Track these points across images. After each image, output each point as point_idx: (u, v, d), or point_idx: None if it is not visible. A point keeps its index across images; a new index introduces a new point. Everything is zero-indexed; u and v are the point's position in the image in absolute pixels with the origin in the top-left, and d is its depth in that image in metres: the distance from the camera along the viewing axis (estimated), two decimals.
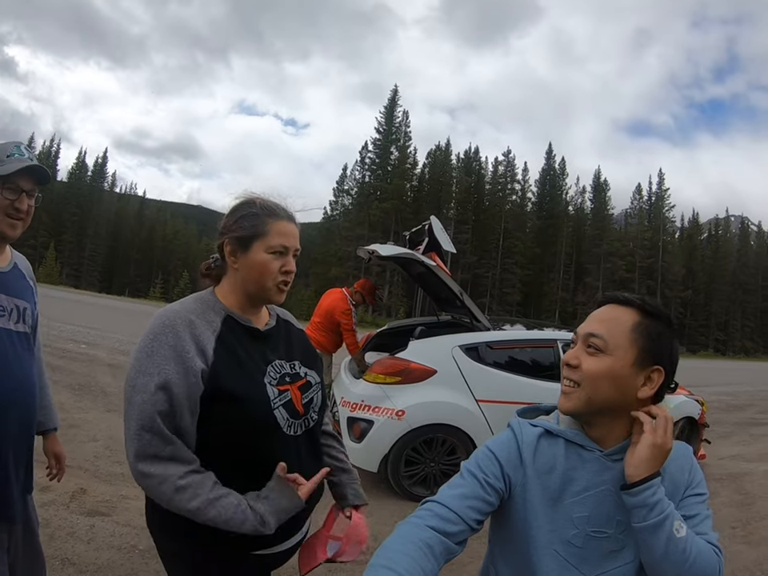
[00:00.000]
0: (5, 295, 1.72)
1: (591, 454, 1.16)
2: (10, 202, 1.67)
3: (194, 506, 1.24)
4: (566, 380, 1.17)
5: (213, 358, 1.34)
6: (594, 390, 1.11)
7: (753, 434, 8.77)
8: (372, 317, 47.61)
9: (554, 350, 5.09)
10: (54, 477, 2.16)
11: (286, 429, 1.42)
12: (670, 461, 1.14)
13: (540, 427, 1.23)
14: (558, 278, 62.87)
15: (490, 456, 1.20)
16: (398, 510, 4.35)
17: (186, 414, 1.29)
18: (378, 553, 0.99)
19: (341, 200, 62.48)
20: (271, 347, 1.53)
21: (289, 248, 1.44)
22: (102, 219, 68.96)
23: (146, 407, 1.25)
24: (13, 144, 1.72)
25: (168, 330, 1.31)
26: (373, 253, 4.81)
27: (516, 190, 65.33)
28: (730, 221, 78.75)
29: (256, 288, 1.44)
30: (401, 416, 4.49)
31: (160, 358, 1.28)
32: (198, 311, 1.41)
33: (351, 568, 3.30)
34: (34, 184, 1.74)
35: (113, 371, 7.98)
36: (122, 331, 13.15)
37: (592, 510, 1.14)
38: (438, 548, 1.03)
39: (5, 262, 1.79)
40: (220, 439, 1.34)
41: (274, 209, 1.46)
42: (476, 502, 1.13)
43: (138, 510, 3.64)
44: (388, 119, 61.28)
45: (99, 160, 73.14)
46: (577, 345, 1.18)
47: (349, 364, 5.81)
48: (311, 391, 1.56)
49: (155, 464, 1.24)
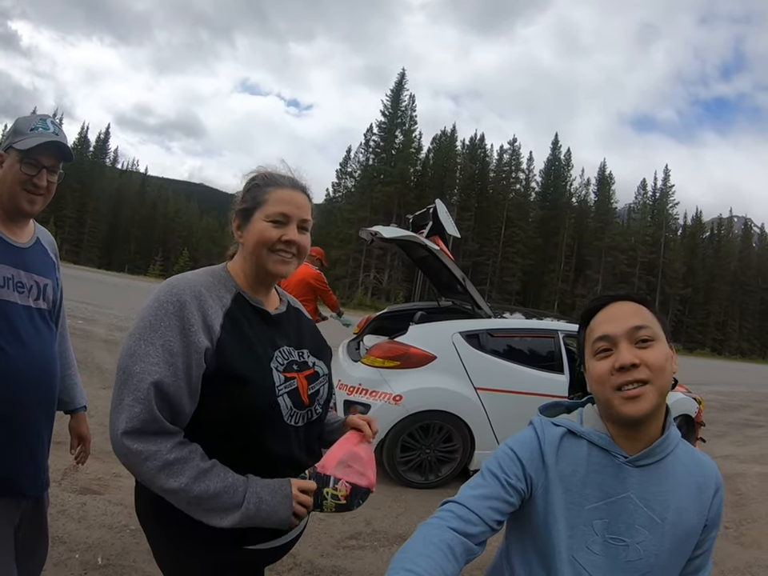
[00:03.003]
0: (24, 272, 1.68)
1: (615, 459, 1.13)
2: (28, 177, 1.62)
3: (178, 483, 1.17)
4: (630, 384, 1.07)
5: (219, 333, 1.27)
6: (663, 379, 1.09)
7: (747, 435, 8.82)
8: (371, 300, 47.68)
9: (554, 341, 5.06)
10: (78, 459, 2.12)
11: (288, 418, 1.34)
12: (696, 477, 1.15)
13: (563, 427, 1.19)
14: (558, 269, 62.74)
15: (511, 456, 1.17)
16: (391, 495, 4.33)
17: (184, 395, 1.21)
18: (399, 555, 0.97)
19: (344, 182, 62.14)
20: (280, 333, 1.45)
21: (290, 216, 1.35)
22: (103, 195, 68.72)
23: (144, 377, 1.17)
24: (39, 117, 1.67)
25: (175, 299, 1.24)
26: (375, 234, 4.73)
27: (520, 179, 65.02)
28: (734, 221, 78.91)
29: (254, 259, 1.37)
30: (398, 401, 4.44)
31: (164, 327, 1.21)
32: (209, 284, 1.34)
33: (369, 554, 3.34)
34: (57, 160, 1.69)
35: (109, 347, 7.89)
36: (120, 307, 13.15)
37: (612, 517, 1.10)
38: (458, 549, 1.01)
39: (26, 237, 1.75)
40: (215, 423, 1.27)
41: (277, 178, 1.39)
42: (497, 502, 1.10)
43: (129, 488, 3.55)
44: (394, 103, 60.80)
45: (101, 136, 72.81)
46: (620, 347, 1.10)
47: (347, 347, 5.74)
48: (318, 382, 1.48)
49: (143, 439, 1.17)
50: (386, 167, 58.23)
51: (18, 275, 1.65)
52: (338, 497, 1.32)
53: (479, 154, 64.88)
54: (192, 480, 1.18)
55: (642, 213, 65.82)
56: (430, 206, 5.27)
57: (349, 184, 61.97)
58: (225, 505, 1.20)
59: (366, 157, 61.39)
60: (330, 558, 3.21)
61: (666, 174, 65.70)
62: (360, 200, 57.40)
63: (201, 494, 1.18)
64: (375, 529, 3.72)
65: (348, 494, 1.33)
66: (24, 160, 1.60)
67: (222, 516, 1.21)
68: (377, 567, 3.20)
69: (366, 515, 3.86)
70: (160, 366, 1.18)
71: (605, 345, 1.12)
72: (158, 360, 1.19)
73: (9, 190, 1.63)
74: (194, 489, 1.18)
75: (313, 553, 3.22)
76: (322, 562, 3.15)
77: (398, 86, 61.56)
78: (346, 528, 3.59)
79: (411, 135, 60.91)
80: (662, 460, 1.13)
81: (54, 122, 1.70)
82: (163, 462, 1.17)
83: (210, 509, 1.20)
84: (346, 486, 1.32)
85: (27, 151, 1.60)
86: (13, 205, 1.65)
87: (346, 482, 1.32)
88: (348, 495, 1.33)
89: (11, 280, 1.62)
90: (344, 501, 1.33)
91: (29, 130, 1.62)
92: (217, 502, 1.20)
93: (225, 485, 1.21)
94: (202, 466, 1.20)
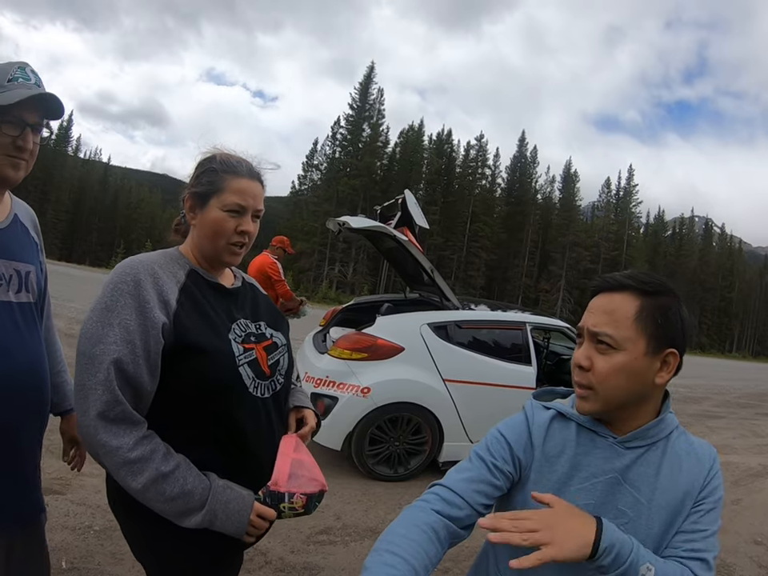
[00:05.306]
0: (2, 259, 1.40)
1: (604, 440, 1.11)
2: (11, 139, 1.33)
3: (136, 483, 1.18)
4: (577, 386, 1.08)
5: (176, 307, 1.28)
6: (610, 389, 1.04)
7: (709, 425, 9.08)
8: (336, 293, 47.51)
9: (522, 333, 5.09)
10: (72, 465, 1.87)
11: (252, 389, 1.36)
12: (688, 459, 1.10)
13: (553, 410, 1.17)
14: (522, 264, 63.39)
15: (499, 438, 1.17)
16: (360, 488, 4.29)
17: (144, 372, 1.20)
18: (382, 537, 0.97)
19: (309, 175, 61.55)
20: (237, 305, 1.47)
21: (246, 207, 1.37)
22: (65, 185, 66.48)
23: (104, 358, 1.16)
24: (16, 65, 1.37)
25: (129, 278, 1.24)
26: (343, 225, 4.67)
27: (486, 175, 65.27)
28: (695, 221, 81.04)
29: (210, 247, 1.39)
30: (366, 393, 4.39)
31: (120, 306, 1.21)
32: (162, 263, 1.34)
33: (340, 549, 3.30)
34: (41, 117, 1.40)
35: (70, 341, 7.46)
36: (81, 300, 12.75)
37: (598, 498, 1.08)
38: (442, 532, 1.01)
39: (3, 214, 1.46)
40: (180, 400, 1.26)
41: (235, 165, 1.38)
42: (483, 485, 1.10)
43: (93, 487, 3.50)
44: (362, 96, 60.39)
45: (64, 123, 69.92)
46: (584, 342, 1.09)
47: (313, 339, 5.66)
48: (277, 353, 1.50)
49: (106, 428, 1.16)
50: (352, 160, 57.87)
51: None
52: (294, 508, 1.36)
53: (446, 149, 64.96)
54: (150, 482, 1.18)
55: (606, 211, 66.93)
56: (399, 196, 5.24)
57: (315, 177, 61.41)
58: (179, 510, 1.22)
59: (332, 150, 60.88)
60: (301, 555, 3.15)
61: (629, 173, 66.88)
62: (326, 193, 56.90)
63: (156, 497, 1.20)
64: (345, 523, 3.67)
65: (304, 504, 1.37)
66: (5, 118, 1.31)
67: (178, 518, 1.23)
68: (348, 562, 3.15)
69: (336, 509, 3.81)
70: (118, 345, 1.18)
71: (579, 333, 1.12)
72: (116, 339, 1.18)
73: None
74: (150, 490, 1.19)
75: (283, 549, 3.15)
76: (293, 558, 3.09)
77: (366, 79, 61.13)
78: (315, 523, 3.52)
79: (379, 129, 60.59)
80: (655, 444, 1.10)
81: (33, 70, 1.39)
82: (123, 459, 1.17)
83: (164, 510, 1.22)
84: (301, 498, 1.35)
85: (8, 108, 1.30)
86: None
87: (300, 495, 1.35)
88: (304, 505, 1.37)
89: None
90: (302, 510, 1.37)
91: (6, 81, 1.32)
92: (171, 506, 1.21)
93: (182, 491, 1.21)
94: (162, 469, 1.20)
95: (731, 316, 72.30)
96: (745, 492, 5.57)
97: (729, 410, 11.32)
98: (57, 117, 1.44)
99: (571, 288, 60.03)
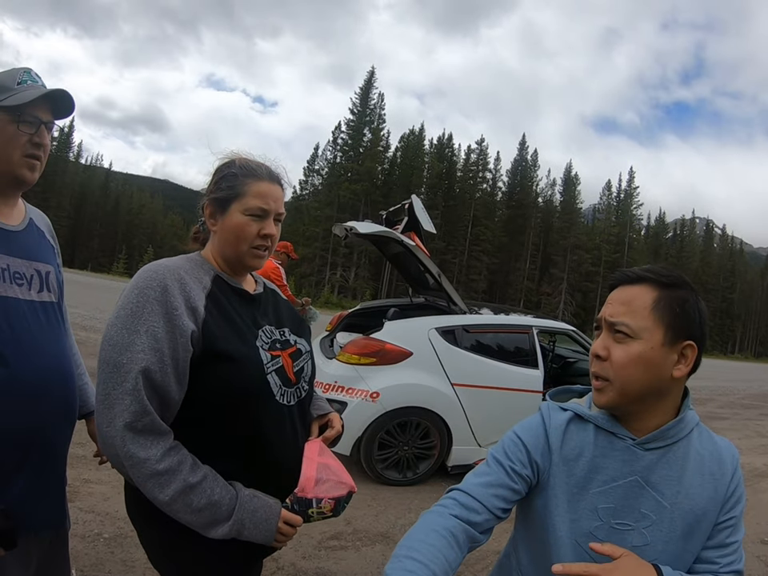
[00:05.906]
0: (21, 259, 1.41)
1: (622, 441, 1.09)
2: (28, 137, 1.36)
3: (163, 495, 1.16)
4: (594, 378, 1.08)
5: (204, 315, 1.25)
6: (626, 379, 1.03)
7: (713, 427, 8.89)
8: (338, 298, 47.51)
9: (529, 336, 5.07)
10: (104, 462, 1.82)
11: (279, 397, 1.34)
12: (711, 462, 1.10)
13: (570, 411, 1.16)
14: (524, 267, 63.42)
15: (516, 442, 1.15)
16: (370, 493, 4.28)
17: (171, 381, 1.18)
18: (401, 543, 0.96)
19: (311, 180, 61.65)
20: (261, 312, 1.45)
21: (268, 210, 1.35)
22: (66, 191, 66.67)
23: (132, 367, 1.13)
24: (22, 70, 1.41)
25: (156, 284, 1.20)
26: (351, 230, 4.68)
27: (487, 179, 65.48)
28: (696, 222, 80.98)
29: (232, 252, 1.36)
30: (375, 398, 4.40)
31: (147, 313, 1.17)
32: (188, 268, 1.31)
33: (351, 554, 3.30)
34: (52, 116, 1.43)
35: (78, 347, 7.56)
36: (83, 306, 12.81)
37: (618, 502, 1.07)
38: (461, 537, 1.00)
39: (19, 218, 1.47)
40: (206, 408, 1.25)
41: (255, 169, 1.37)
42: (501, 490, 1.09)
43: (101, 495, 3.49)
44: (363, 100, 60.58)
45: (65, 129, 70.15)
46: (602, 332, 1.09)
47: (320, 344, 5.66)
48: (302, 359, 1.48)
49: (134, 440, 1.14)
50: (353, 165, 57.99)
51: (15, 264, 1.39)
52: (323, 512, 1.35)
53: (447, 153, 65.17)
54: (177, 493, 1.16)
55: (607, 213, 67.12)
56: (406, 201, 5.22)
57: (316, 182, 61.53)
58: (206, 520, 1.20)
59: (333, 155, 61.06)
60: (313, 560, 3.15)
61: (630, 175, 67.17)
62: (327, 198, 56.98)
63: (183, 509, 1.18)
64: (356, 528, 3.67)
65: (333, 507, 1.37)
66: (22, 117, 1.34)
67: (205, 529, 1.21)
68: (360, 567, 3.15)
69: (346, 515, 3.78)
70: (146, 353, 1.15)
71: (598, 325, 1.12)
72: (143, 347, 1.15)
73: (2, 157, 1.36)
74: (177, 501, 1.17)
75: (294, 555, 3.15)
76: (304, 564, 3.09)
77: (367, 83, 61.30)
78: (326, 528, 3.52)
79: (379, 133, 60.76)
80: (676, 443, 1.08)
81: (37, 74, 1.44)
82: (151, 471, 1.14)
83: (191, 521, 1.20)
84: (329, 503, 1.35)
85: (22, 107, 1.33)
86: (9, 175, 1.39)
87: (328, 500, 1.35)
88: (333, 508, 1.37)
89: (6, 271, 1.36)
90: (330, 513, 1.37)
91: (15, 84, 1.36)
92: (198, 517, 1.19)
93: (209, 502, 1.19)
94: (190, 480, 1.18)
95: (733, 317, 72.31)
96: (750, 492, 5.55)
97: (733, 411, 11.29)
98: (67, 114, 1.49)
99: (573, 291, 60.05)
